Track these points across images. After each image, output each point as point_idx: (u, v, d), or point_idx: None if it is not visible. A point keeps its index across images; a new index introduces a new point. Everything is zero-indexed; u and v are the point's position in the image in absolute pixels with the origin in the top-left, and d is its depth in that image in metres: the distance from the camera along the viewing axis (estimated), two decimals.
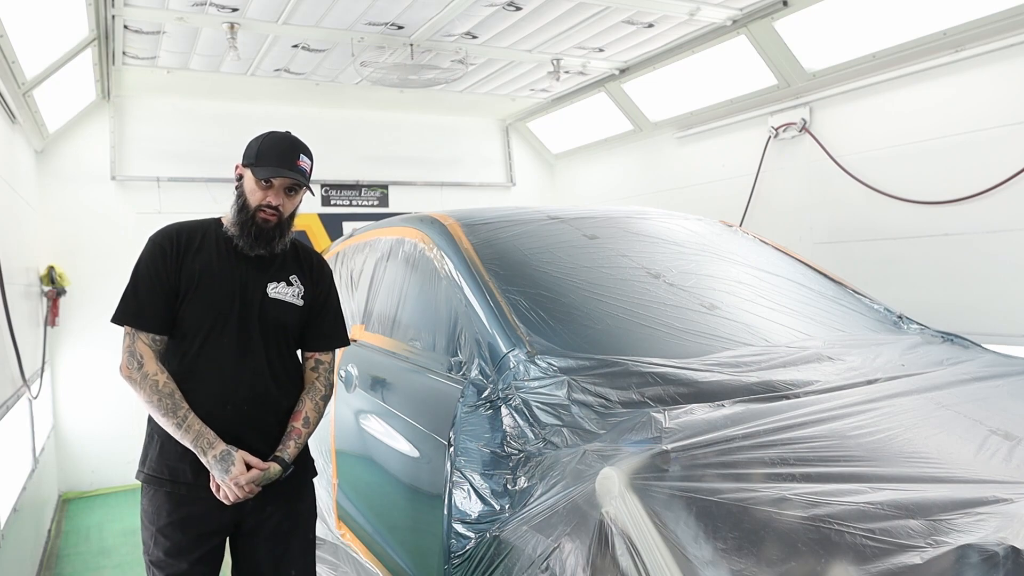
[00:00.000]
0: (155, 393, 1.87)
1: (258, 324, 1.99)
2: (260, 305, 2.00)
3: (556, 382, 1.77)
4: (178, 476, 1.93)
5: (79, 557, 4.06)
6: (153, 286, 1.93)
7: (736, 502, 1.29)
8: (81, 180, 5.23)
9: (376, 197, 6.34)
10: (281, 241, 2.03)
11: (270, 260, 2.04)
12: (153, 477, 1.96)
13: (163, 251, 1.96)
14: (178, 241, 1.98)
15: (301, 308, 2.07)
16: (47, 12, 3.29)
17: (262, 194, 1.95)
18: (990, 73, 3.41)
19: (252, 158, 1.97)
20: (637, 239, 2.65)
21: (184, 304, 1.95)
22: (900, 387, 1.82)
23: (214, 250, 2.01)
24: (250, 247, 1.98)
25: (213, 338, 1.94)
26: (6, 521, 2.89)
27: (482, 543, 1.54)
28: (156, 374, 1.89)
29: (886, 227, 3.89)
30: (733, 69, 4.50)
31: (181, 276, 1.95)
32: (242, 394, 1.95)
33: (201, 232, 2.03)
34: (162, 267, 1.94)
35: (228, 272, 1.99)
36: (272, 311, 2.01)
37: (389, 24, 4.13)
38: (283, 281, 2.05)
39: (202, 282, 1.95)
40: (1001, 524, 1.19)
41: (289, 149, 1.98)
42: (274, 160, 1.95)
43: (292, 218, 2.05)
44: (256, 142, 2.00)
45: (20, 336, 3.45)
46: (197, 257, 1.98)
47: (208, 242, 2.01)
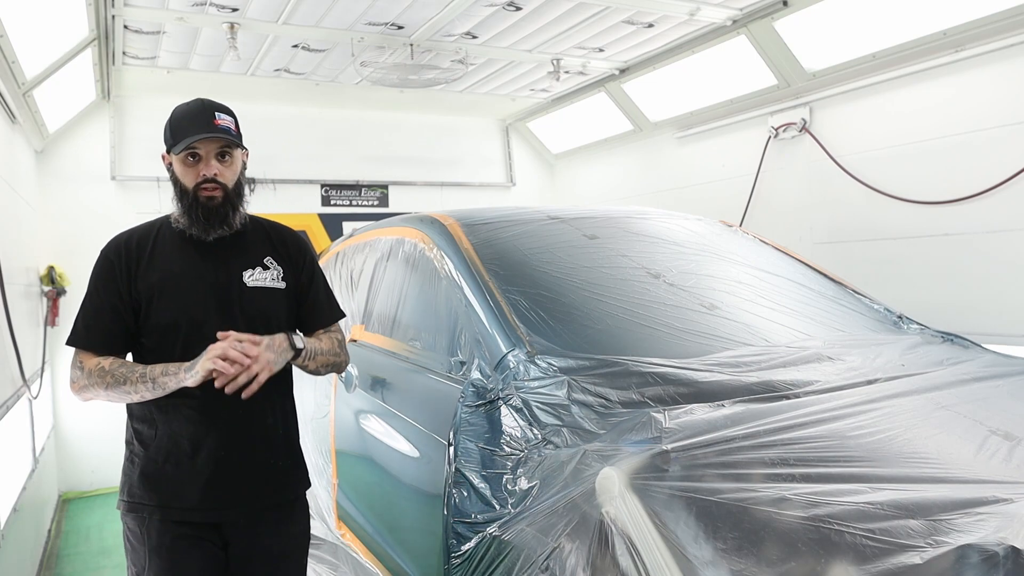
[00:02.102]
0: (104, 376, 1.71)
1: (242, 320, 1.80)
2: (240, 298, 1.81)
3: (556, 382, 1.77)
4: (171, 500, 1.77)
5: (79, 557, 4.06)
6: (101, 304, 1.78)
7: (736, 502, 1.28)
8: (81, 180, 5.24)
9: (376, 197, 6.34)
10: (236, 216, 1.84)
11: (237, 246, 1.86)
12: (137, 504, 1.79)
13: (111, 264, 1.80)
14: (127, 250, 1.81)
15: (285, 291, 1.90)
16: (47, 12, 3.29)
17: (194, 171, 1.78)
18: (990, 73, 3.41)
19: (168, 139, 1.80)
20: (637, 239, 2.65)
21: (150, 316, 1.78)
22: (900, 387, 1.81)
23: (173, 250, 1.83)
24: (205, 231, 1.80)
25: (193, 345, 1.72)
26: (6, 521, 2.89)
27: (482, 543, 1.54)
28: (98, 363, 1.73)
29: (886, 227, 3.89)
30: (733, 69, 4.50)
31: (138, 287, 1.78)
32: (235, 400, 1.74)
33: (153, 234, 1.85)
34: (111, 282, 1.78)
35: (195, 270, 1.81)
36: (255, 302, 1.84)
37: (389, 24, 4.13)
38: (258, 266, 1.87)
39: (166, 287, 1.78)
40: (1001, 524, 1.19)
41: (200, 111, 1.79)
42: (189, 129, 1.75)
43: (240, 188, 1.85)
44: (167, 124, 1.82)
45: (20, 336, 3.44)
46: (154, 262, 1.81)
47: (164, 242, 1.84)
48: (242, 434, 1.82)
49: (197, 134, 1.75)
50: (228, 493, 1.80)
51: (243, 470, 1.81)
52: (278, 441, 1.90)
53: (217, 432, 1.78)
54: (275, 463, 1.88)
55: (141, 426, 1.82)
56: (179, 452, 1.78)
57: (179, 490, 1.77)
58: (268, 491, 1.87)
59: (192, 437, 1.77)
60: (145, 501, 1.79)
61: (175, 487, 1.77)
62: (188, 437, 1.77)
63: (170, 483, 1.78)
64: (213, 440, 1.78)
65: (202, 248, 1.83)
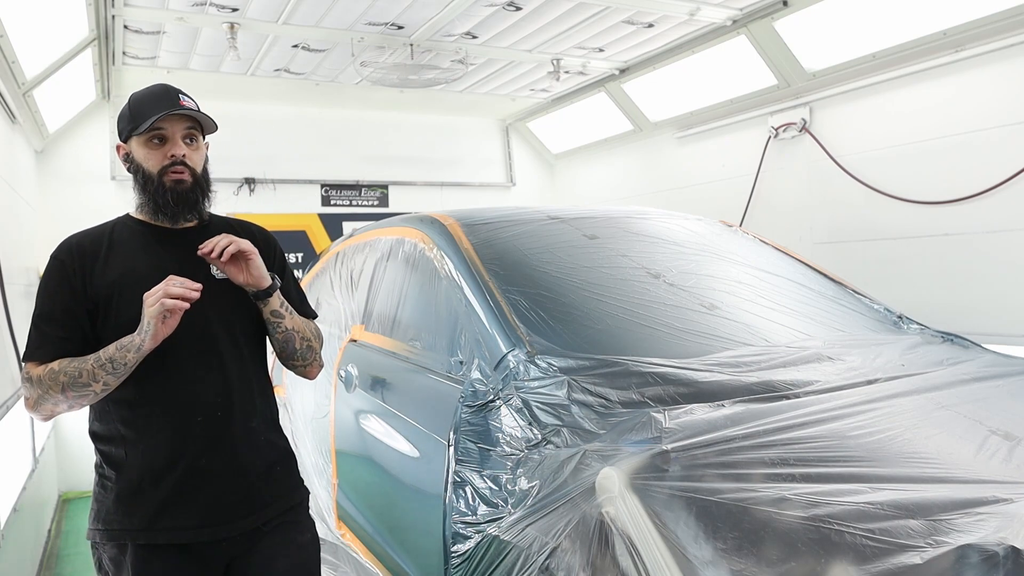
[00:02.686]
0: (56, 378, 1.55)
1: (214, 313, 1.67)
2: (208, 292, 1.63)
3: (556, 382, 1.77)
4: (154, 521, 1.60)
5: (79, 557, 4.06)
6: (52, 309, 1.62)
7: (736, 502, 1.28)
8: (81, 180, 5.24)
9: (376, 197, 6.34)
10: (206, 203, 1.74)
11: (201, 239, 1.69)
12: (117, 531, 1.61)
13: (62, 266, 1.64)
14: (80, 249, 1.66)
15: None
16: (47, 12, 3.29)
17: (159, 153, 1.65)
18: (990, 73, 3.41)
19: (128, 123, 1.67)
20: (637, 239, 2.65)
21: (111, 317, 1.62)
22: (900, 387, 1.81)
23: (132, 246, 1.69)
24: (174, 217, 1.68)
25: (162, 349, 1.57)
26: (6, 521, 2.89)
27: (482, 543, 1.54)
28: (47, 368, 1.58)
29: (886, 227, 3.89)
30: (733, 69, 4.50)
31: (95, 287, 1.63)
32: (212, 400, 1.66)
33: (110, 233, 1.71)
34: (63, 283, 1.63)
35: (158, 264, 1.65)
36: (224, 293, 1.70)
37: (389, 24, 4.13)
38: None
39: (128, 284, 1.62)
40: (1001, 524, 1.20)
41: (164, 92, 1.68)
42: (154, 108, 1.63)
43: (207, 176, 1.75)
44: (125, 108, 1.70)
45: (20, 336, 3.44)
46: (110, 262, 1.66)
47: (120, 241, 1.69)
48: (222, 440, 1.66)
49: (163, 111, 1.63)
50: (217, 507, 1.65)
51: (230, 480, 1.66)
52: (263, 445, 1.75)
53: (194, 441, 1.63)
54: (264, 469, 1.74)
55: (108, 447, 1.66)
56: (156, 468, 1.61)
57: (162, 509, 1.61)
58: (262, 500, 1.72)
59: (167, 450, 1.62)
60: (125, 526, 1.61)
61: (158, 507, 1.60)
62: (163, 450, 1.62)
63: (151, 503, 1.60)
64: (192, 450, 1.63)
65: (164, 242, 1.71)
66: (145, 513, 1.61)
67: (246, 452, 1.70)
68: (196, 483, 1.63)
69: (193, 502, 1.63)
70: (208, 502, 1.64)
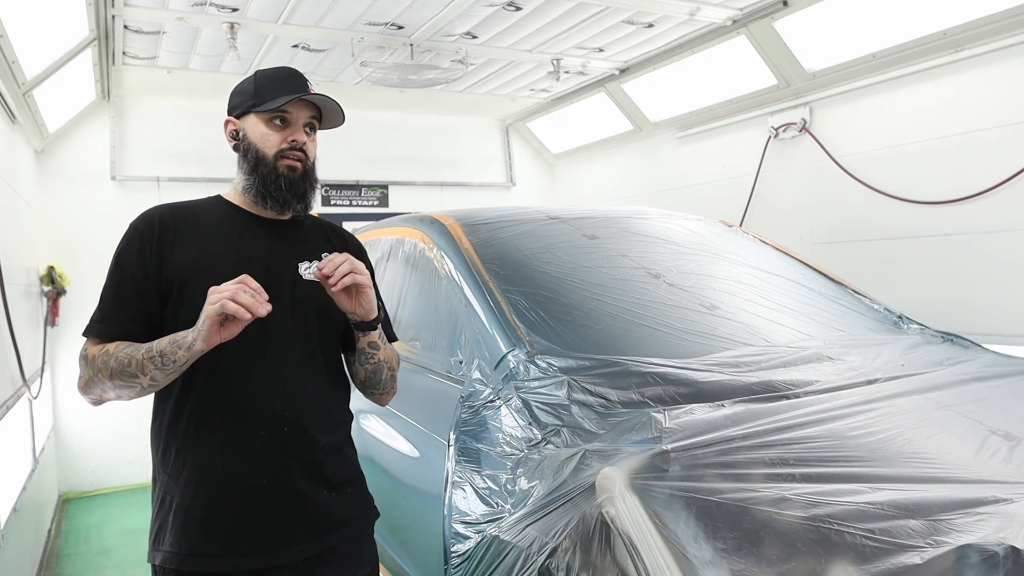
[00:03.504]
0: (107, 361, 1.42)
1: (292, 316, 1.52)
2: (292, 291, 1.52)
3: (556, 382, 1.77)
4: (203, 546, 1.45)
5: (79, 557, 4.06)
6: (122, 284, 1.49)
7: (736, 502, 1.28)
8: (81, 180, 5.24)
9: (376, 197, 6.34)
10: (312, 196, 1.62)
11: (294, 235, 1.61)
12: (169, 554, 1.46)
13: (139, 240, 1.50)
14: (163, 224, 1.52)
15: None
16: (47, 12, 3.29)
17: (279, 135, 1.54)
18: (990, 73, 3.41)
19: (250, 98, 1.57)
20: (637, 239, 2.65)
21: (183, 302, 1.46)
22: (900, 387, 1.82)
23: (218, 230, 1.55)
24: (283, 204, 1.55)
25: (230, 344, 1.39)
26: (6, 521, 2.89)
27: (482, 543, 1.54)
28: (103, 348, 1.45)
29: (886, 227, 3.89)
30: (733, 69, 4.50)
31: (168, 268, 1.48)
32: (279, 413, 1.48)
33: (197, 210, 1.58)
34: (136, 262, 1.48)
35: (240, 254, 1.52)
36: (309, 297, 1.54)
37: (389, 24, 4.13)
38: (315, 259, 1.53)
39: (206, 268, 1.46)
40: (1001, 524, 1.20)
41: (295, 76, 1.59)
42: (284, 89, 1.54)
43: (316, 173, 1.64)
44: (247, 83, 1.60)
45: (20, 336, 3.45)
46: (192, 241, 1.51)
47: (208, 221, 1.56)
48: (286, 459, 1.49)
49: (295, 94, 1.52)
50: (275, 532, 1.48)
51: (290, 502, 1.49)
52: (333, 464, 1.57)
53: (254, 458, 1.47)
54: (331, 490, 1.56)
55: (166, 456, 1.51)
56: (211, 485, 1.46)
57: (216, 533, 1.46)
58: (326, 525, 1.54)
59: (224, 466, 1.46)
60: (178, 550, 1.46)
61: (211, 530, 1.46)
62: (219, 466, 1.46)
63: (204, 525, 1.46)
64: (250, 468, 1.46)
65: (255, 231, 1.57)
66: (200, 537, 1.46)
67: (312, 473, 1.53)
68: (253, 505, 1.47)
69: (250, 526, 1.47)
70: (267, 526, 1.48)
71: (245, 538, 1.46)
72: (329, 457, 1.56)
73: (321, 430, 1.54)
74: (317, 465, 1.53)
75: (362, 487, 1.68)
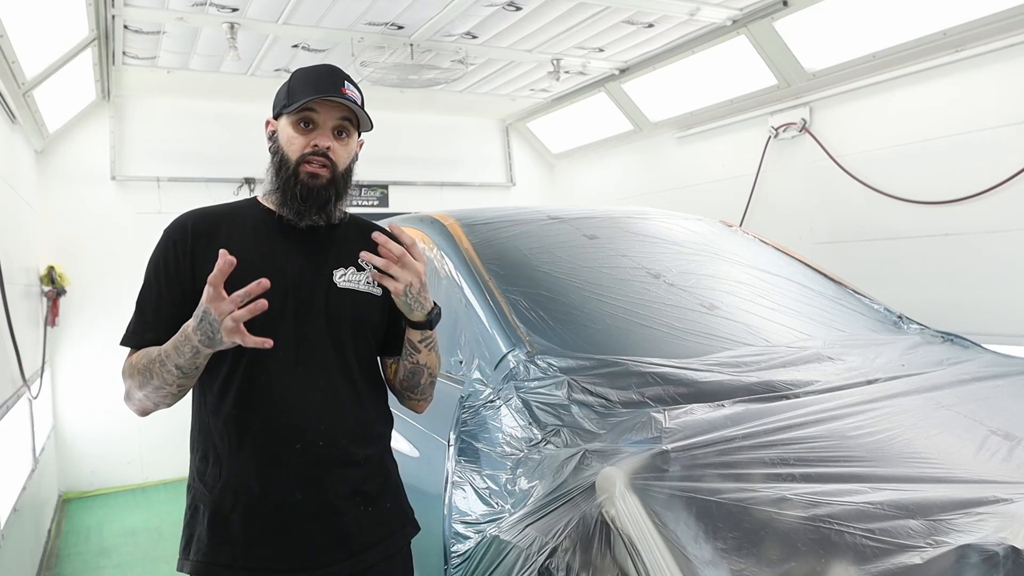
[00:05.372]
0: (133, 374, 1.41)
1: (326, 326, 1.48)
2: (326, 300, 1.49)
3: (556, 382, 1.77)
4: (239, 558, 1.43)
5: (79, 557, 4.06)
6: (158, 294, 1.47)
7: (736, 502, 1.29)
8: (81, 180, 5.23)
9: (376, 197, 6.34)
10: (339, 205, 1.54)
11: (331, 240, 1.55)
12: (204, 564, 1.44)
13: (173, 248, 1.48)
14: (195, 231, 1.49)
15: (381, 300, 1.55)
16: (47, 12, 3.29)
17: (304, 139, 1.48)
18: (990, 73, 3.41)
19: (283, 99, 1.52)
20: (637, 239, 2.65)
21: None
22: (900, 387, 1.82)
23: (254, 234, 1.51)
24: (299, 214, 1.49)
25: (263, 354, 1.36)
26: (6, 521, 2.89)
27: (482, 543, 1.54)
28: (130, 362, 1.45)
29: (886, 227, 3.89)
30: (733, 69, 4.50)
31: (200, 278, 1.40)
32: (313, 426, 1.44)
33: (230, 216, 1.54)
34: (172, 267, 1.47)
35: (276, 260, 1.48)
36: (344, 306, 1.51)
37: (389, 24, 4.13)
38: (352, 266, 1.53)
39: (238, 279, 1.37)
40: (1001, 524, 1.20)
41: (328, 75, 1.51)
42: (311, 89, 1.47)
43: (350, 176, 1.56)
44: (285, 83, 1.55)
45: (20, 336, 3.44)
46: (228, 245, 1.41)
47: (242, 226, 1.52)
48: (322, 473, 1.45)
49: (320, 94, 1.46)
50: (310, 548, 1.45)
51: (327, 518, 1.46)
52: (370, 478, 1.53)
53: (289, 472, 1.43)
54: (368, 506, 1.52)
55: (203, 464, 1.48)
56: (245, 499, 1.43)
57: (249, 546, 1.43)
58: (363, 542, 1.50)
59: (259, 480, 1.42)
60: (209, 560, 1.44)
61: (244, 543, 1.43)
62: (254, 480, 1.42)
63: (237, 537, 1.43)
64: (286, 482, 1.43)
65: (288, 236, 1.52)
66: (233, 550, 1.43)
67: (348, 488, 1.48)
68: (287, 519, 1.44)
69: (283, 541, 1.44)
70: (300, 543, 1.44)
71: (279, 554, 1.43)
72: (366, 471, 1.52)
73: (357, 443, 1.49)
74: (354, 479, 1.49)
75: (400, 501, 1.63)
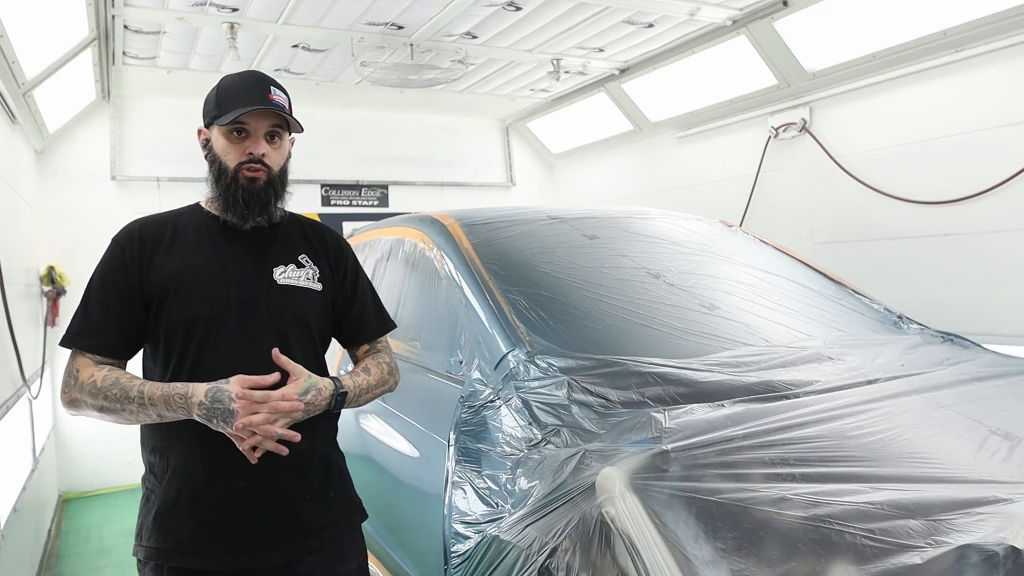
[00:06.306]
0: (96, 396, 1.47)
1: (268, 322, 1.57)
2: (267, 296, 1.58)
3: (556, 382, 1.77)
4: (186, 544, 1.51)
5: (79, 557, 4.06)
6: (107, 297, 1.54)
7: (736, 502, 1.28)
8: (81, 180, 5.24)
9: (376, 197, 6.34)
10: (278, 204, 1.63)
11: (271, 239, 1.64)
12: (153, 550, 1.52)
13: (122, 254, 1.56)
14: (142, 236, 1.58)
15: (321, 294, 1.66)
16: (47, 12, 3.29)
17: (239, 148, 1.56)
18: (990, 73, 3.41)
19: (212, 110, 1.58)
20: (637, 239, 2.65)
21: (163, 313, 1.53)
22: (900, 387, 1.82)
23: (197, 238, 1.60)
24: (243, 217, 1.58)
25: (209, 347, 1.51)
26: (6, 521, 2.89)
27: (482, 543, 1.54)
28: (91, 376, 1.49)
29: (886, 227, 3.89)
30: (733, 69, 4.50)
31: (151, 280, 1.54)
32: None
33: (173, 222, 1.62)
34: (120, 274, 1.55)
35: (219, 262, 1.58)
36: (285, 302, 1.60)
37: (389, 24, 4.13)
38: (291, 263, 1.63)
39: (185, 280, 1.54)
40: (1001, 524, 1.20)
41: (255, 83, 1.59)
42: (239, 100, 1.55)
43: (285, 176, 1.64)
44: (212, 93, 1.61)
45: (20, 336, 3.44)
46: (172, 252, 1.57)
47: (185, 231, 1.61)
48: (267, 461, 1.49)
49: (249, 106, 1.54)
50: (257, 534, 1.53)
51: (272, 504, 1.54)
52: (316, 466, 1.62)
53: (234, 460, 1.48)
54: (314, 493, 1.60)
55: (154, 457, 1.57)
56: (193, 486, 1.52)
57: (197, 532, 1.51)
58: (308, 528, 1.58)
59: (206, 468, 1.51)
60: (160, 546, 1.52)
61: (193, 529, 1.51)
62: (201, 468, 1.51)
63: (186, 524, 1.51)
64: (231, 470, 1.50)
65: (231, 239, 1.61)
66: (180, 535, 1.51)
67: (294, 475, 1.57)
68: (234, 506, 1.52)
69: (231, 527, 1.52)
70: (247, 528, 1.53)
71: (226, 538, 1.52)
72: (310, 460, 1.60)
73: (304, 432, 1.51)
74: (299, 469, 1.57)
75: (346, 491, 1.71)
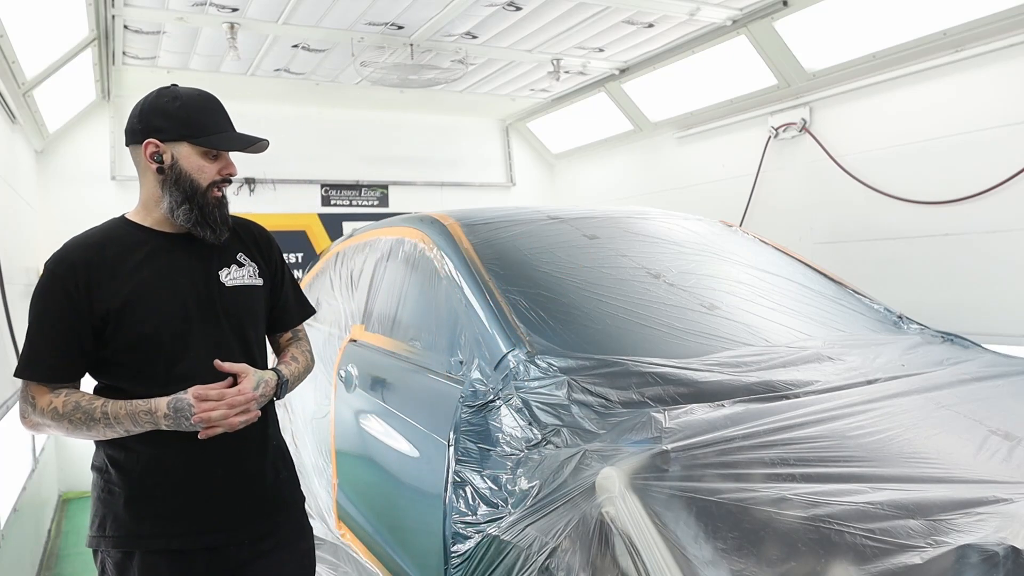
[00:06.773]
0: (61, 419, 1.53)
1: (226, 323, 1.67)
2: (220, 300, 1.68)
3: (556, 382, 1.77)
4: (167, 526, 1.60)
5: (79, 557, 4.06)
6: (52, 327, 1.58)
7: (736, 502, 1.28)
8: (81, 180, 5.24)
9: (376, 197, 6.34)
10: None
11: (208, 243, 1.70)
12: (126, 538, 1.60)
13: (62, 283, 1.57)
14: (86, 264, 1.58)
15: (263, 287, 1.79)
16: (47, 12, 3.29)
17: (213, 167, 1.65)
18: (990, 73, 3.41)
19: (183, 126, 1.61)
20: (637, 239, 2.65)
21: (122, 330, 1.57)
22: (900, 387, 1.81)
23: (137, 256, 1.63)
24: (217, 232, 1.66)
25: (178, 359, 1.60)
26: (6, 521, 2.89)
27: (482, 543, 1.54)
28: (50, 403, 1.54)
29: (886, 227, 3.89)
30: (733, 69, 4.50)
31: (103, 303, 1.56)
32: None
33: (109, 240, 1.64)
34: (64, 303, 1.56)
35: (169, 274, 1.64)
36: (237, 302, 1.71)
37: (389, 24, 4.13)
38: (232, 264, 1.73)
39: (141, 297, 1.59)
40: (1001, 524, 1.20)
41: (219, 106, 1.68)
42: (218, 126, 1.65)
43: None
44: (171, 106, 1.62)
45: (20, 336, 3.44)
46: (119, 271, 1.59)
47: (123, 250, 1.63)
48: (238, 448, 1.66)
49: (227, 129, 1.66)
50: (231, 513, 1.67)
51: (244, 487, 1.69)
52: (274, 450, 1.80)
53: (210, 449, 1.59)
54: (275, 474, 1.78)
55: (116, 452, 1.63)
56: (170, 475, 1.61)
57: (175, 516, 1.61)
58: (273, 506, 1.75)
59: (182, 458, 1.61)
60: (134, 532, 1.60)
61: (171, 514, 1.61)
62: (177, 458, 1.61)
63: (163, 510, 1.61)
64: (207, 458, 1.62)
65: (173, 249, 1.67)
66: (157, 520, 1.60)
67: (261, 459, 1.74)
68: (210, 490, 1.64)
69: (207, 509, 1.64)
70: (222, 509, 1.66)
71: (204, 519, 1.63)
72: (271, 444, 1.78)
73: (264, 421, 1.70)
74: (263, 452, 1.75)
75: (292, 470, 1.89)
